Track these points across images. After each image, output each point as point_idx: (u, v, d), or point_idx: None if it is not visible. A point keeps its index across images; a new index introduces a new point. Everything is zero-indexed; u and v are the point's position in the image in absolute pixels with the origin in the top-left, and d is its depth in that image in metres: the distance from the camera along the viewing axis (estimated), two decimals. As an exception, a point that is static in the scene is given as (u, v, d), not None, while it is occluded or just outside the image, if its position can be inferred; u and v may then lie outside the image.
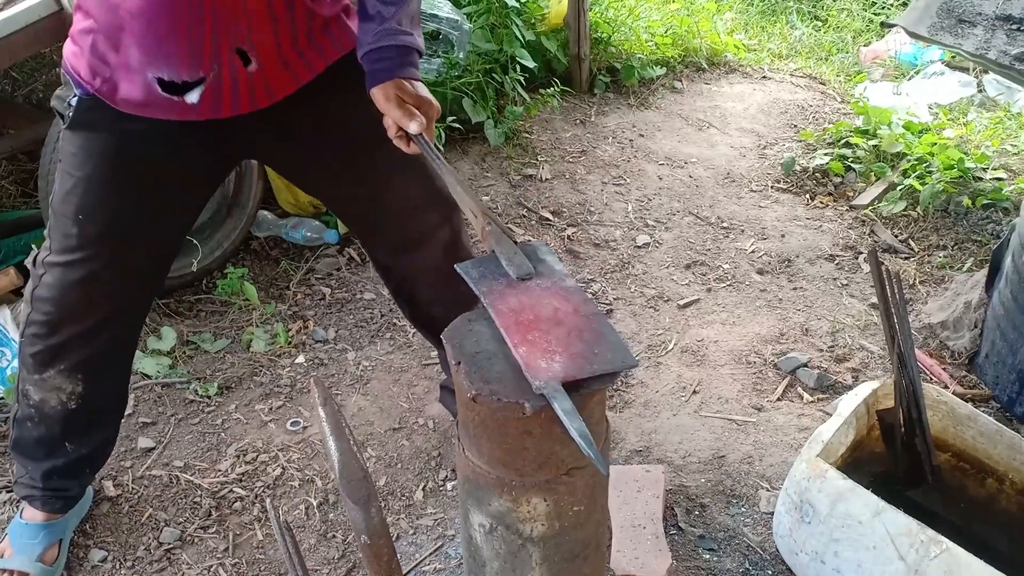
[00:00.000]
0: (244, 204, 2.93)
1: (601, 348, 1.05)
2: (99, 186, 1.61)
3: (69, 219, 1.63)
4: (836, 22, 5.24)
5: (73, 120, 1.58)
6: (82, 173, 1.60)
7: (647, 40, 4.38)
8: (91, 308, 1.74)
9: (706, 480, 2.19)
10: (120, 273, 1.72)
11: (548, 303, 1.12)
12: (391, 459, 2.28)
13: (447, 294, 1.86)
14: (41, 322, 1.75)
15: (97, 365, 1.83)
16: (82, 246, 1.65)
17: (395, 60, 1.52)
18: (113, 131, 1.58)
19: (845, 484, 1.71)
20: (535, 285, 1.16)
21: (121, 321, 1.81)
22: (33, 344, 1.78)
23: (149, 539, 2.06)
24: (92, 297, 1.72)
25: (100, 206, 1.63)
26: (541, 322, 1.09)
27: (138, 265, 1.75)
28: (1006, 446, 1.90)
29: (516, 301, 1.13)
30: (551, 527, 1.15)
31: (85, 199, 1.62)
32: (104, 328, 1.78)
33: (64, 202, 1.63)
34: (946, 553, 1.59)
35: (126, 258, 1.70)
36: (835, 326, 2.74)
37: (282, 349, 2.62)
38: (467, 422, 1.12)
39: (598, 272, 3.01)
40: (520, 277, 1.17)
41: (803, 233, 3.24)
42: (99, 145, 1.59)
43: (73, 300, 1.71)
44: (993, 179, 3.36)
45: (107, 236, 1.66)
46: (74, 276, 1.68)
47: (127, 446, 2.29)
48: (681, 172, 3.63)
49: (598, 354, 1.04)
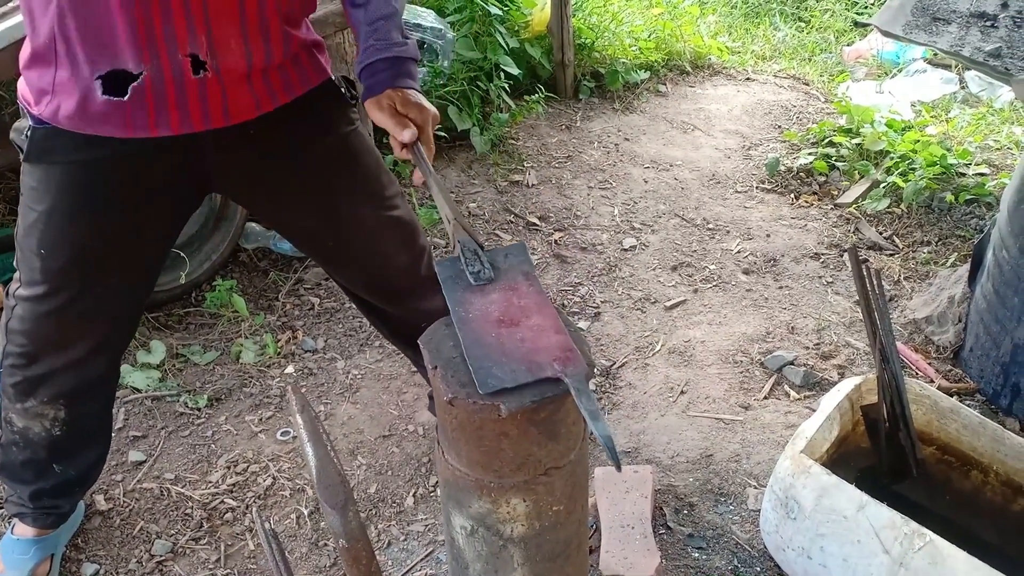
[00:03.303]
0: (231, 216, 2.94)
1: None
2: (59, 220, 1.57)
3: (32, 253, 1.60)
4: (819, 23, 5.27)
5: (29, 152, 1.54)
6: (42, 207, 1.56)
7: (631, 45, 4.41)
8: (66, 339, 1.71)
9: (694, 479, 2.21)
10: (92, 304, 1.68)
11: (510, 303, 1.15)
12: (381, 466, 2.30)
13: (413, 309, 1.88)
14: (17, 354, 1.73)
15: (79, 393, 1.81)
16: (47, 280, 1.62)
17: (387, 72, 1.53)
18: (71, 162, 1.54)
19: (829, 479, 1.72)
20: (494, 288, 1.18)
21: (101, 350, 1.78)
22: (12, 375, 1.76)
23: (141, 552, 2.07)
24: (65, 329, 1.69)
25: (61, 241, 1.59)
26: (507, 321, 1.11)
27: (112, 295, 1.70)
28: (989, 438, 1.91)
29: (482, 302, 1.15)
30: (531, 527, 1.16)
31: (46, 234, 1.58)
32: (83, 358, 1.75)
33: (27, 236, 1.60)
34: (930, 545, 1.60)
35: (97, 289, 1.66)
36: (821, 324, 2.76)
37: (271, 360, 2.64)
38: (445, 426, 1.13)
39: (585, 276, 3.03)
40: (479, 282, 1.19)
41: (788, 232, 3.26)
42: (57, 177, 1.55)
43: (46, 332, 1.69)
44: (976, 175, 3.38)
45: (72, 269, 1.62)
46: (43, 309, 1.65)
47: (118, 460, 2.30)
48: (666, 175, 3.65)
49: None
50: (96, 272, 1.64)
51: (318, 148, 1.69)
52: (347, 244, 1.81)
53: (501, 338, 1.09)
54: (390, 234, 1.83)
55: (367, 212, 1.79)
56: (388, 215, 1.81)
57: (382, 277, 1.88)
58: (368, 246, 1.82)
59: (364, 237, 1.81)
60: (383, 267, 1.86)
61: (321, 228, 1.78)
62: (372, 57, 1.53)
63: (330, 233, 1.79)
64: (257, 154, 1.64)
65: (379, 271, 1.86)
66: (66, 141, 1.51)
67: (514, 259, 1.24)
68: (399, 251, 1.85)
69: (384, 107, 1.51)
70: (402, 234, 1.85)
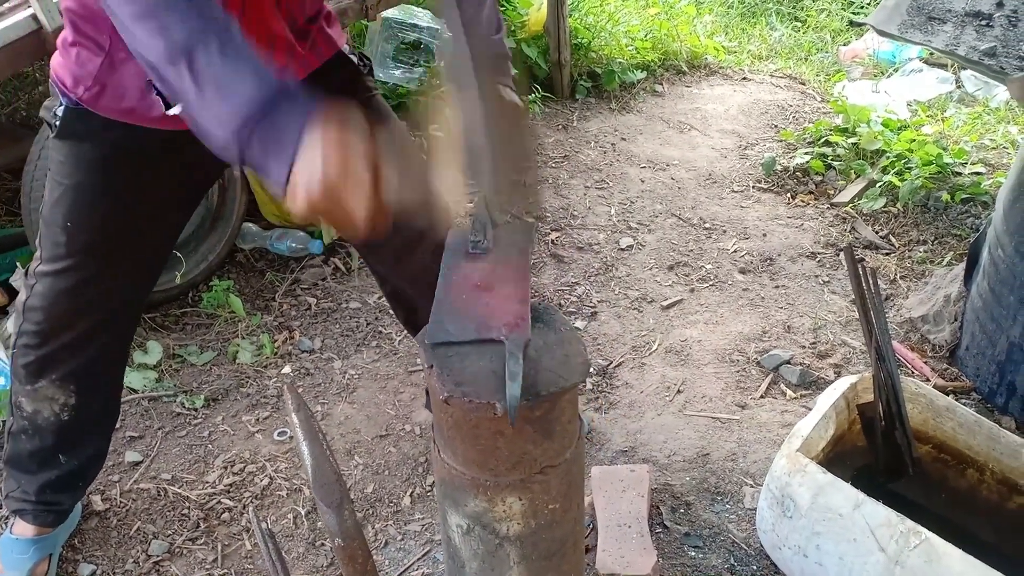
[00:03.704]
0: (228, 217, 2.94)
1: None
2: (87, 194, 1.62)
3: (58, 227, 1.64)
4: (815, 22, 5.28)
5: (60, 129, 1.57)
6: (70, 181, 1.61)
7: (627, 45, 4.41)
8: (80, 317, 1.74)
9: (691, 478, 2.21)
10: (109, 281, 1.72)
11: (493, 272, 1.18)
12: (378, 466, 2.30)
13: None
14: (32, 332, 1.76)
15: (88, 375, 1.84)
16: (71, 254, 1.66)
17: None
18: (101, 140, 1.58)
19: (825, 478, 1.73)
20: (486, 257, 1.21)
21: (110, 330, 1.82)
22: (25, 355, 1.79)
23: (138, 552, 2.07)
24: (81, 306, 1.73)
25: (88, 214, 1.63)
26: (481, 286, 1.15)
27: (127, 273, 1.75)
28: (985, 436, 1.92)
29: (469, 268, 1.19)
30: (527, 526, 1.16)
31: (73, 207, 1.62)
32: (93, 337, 1.79)
33: (53, 210, 1.64)
34: (925, 543, 1.60)
35: (115, 266, 1.71)
36: (817, 323, 2.77)
37: (268, 360, 2.63)
38: (441, 424, 1.13)
39: (582, 275, 3.03)
40: (475, 250, 1.22)
41: (784, 232, 3.27)
42: (87, 154, 1.60)
43: (62, 309, 1.72)
44: (972, 174, 3.39)
45: (96, 244, 1.66)
46: (64, 284, 1.69)
47: (115, 460, 2.30)
48: (663, 174, 3.66)
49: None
50: (117, 250, 1.68)
51: None
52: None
53: (469, 300, 1.12)
54: (418, 207, 1.80)
55: (405, 181, 1.77)
56: (419, 188, 1.79)
57: (406, 238, 1.83)
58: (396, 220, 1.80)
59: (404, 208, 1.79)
60: (413, 245, 1.83)
61: None
62: None
63: None
64: None
65: (402, 230, 1.82)
66: (98, 122, 1.55)
67: (518, 236, 1.27)
68: (429, 230, 1.80)
69: None
70: (431, 210, 1.81)
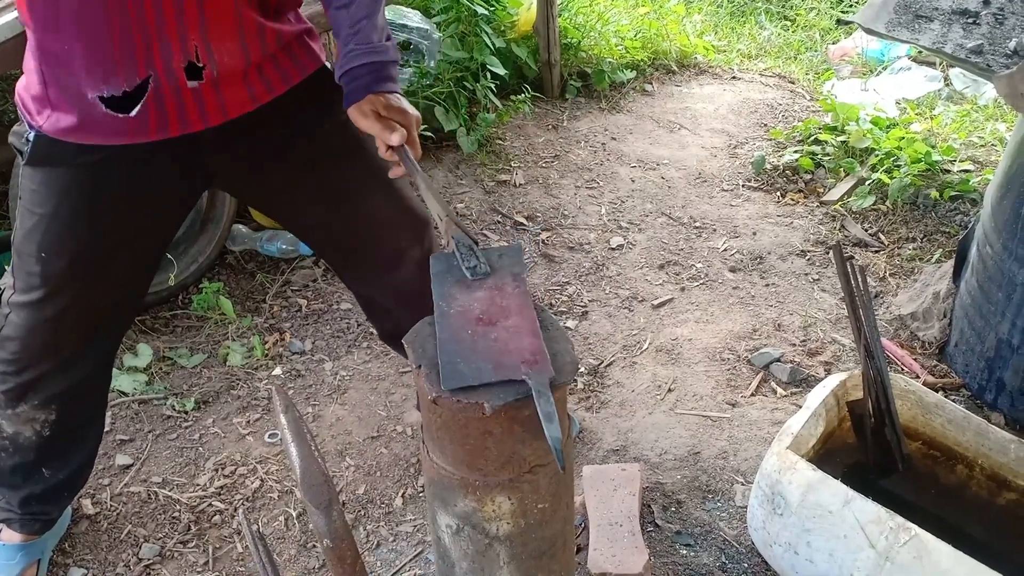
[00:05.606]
0: (218, 219, 2.93)
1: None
2: (63, 222, 1.56)
3: (32, 257, 1.59)
4: (804, 21, 5.29)
5: (31, 156, 1.53)
6: (44, 210, 1.55)
7: (617, 44, 4.42)
8: (60, 345, 1.70)
9: (682, 476, 2.21)
10: (89, 308, 1.68)
11: (493, 302, 1.15)
12: (370, 467, 2.29)
13: (422, 311, 1.86)
14: (9, 360, 1.72)
15: (71, 395, 1.80)
16: (46, 283, 1.61)
17: (367, 77, 1.52)
18: (75, 165, 1.53)
19: (814, 475, 1.73)
20: (480, 286, 1.19)
21: (94, 354, 1.78)
22: (3, 381, 1.75)
23: (129, 555, 2.06)
24: (61, 334, 1.68)
25: (64, 242, 1.58)
26: (485, 320, 1.12)
27: (108, 298, 1.70)
28: (974, 432, 1.92)
29: (466, 299, 1.16)
30: (517, 525, 1.16)
31: (48, 236, 1.57)
32: (75, 362, 1.75)
33: (26, 240, 1.58)
34: (915, 539, 1.61)
35: (95, 293, 1.66)
36: (807, 321, 2.78)
37: (259, 362, 2.63)
38: (430, 425, 1.14)
39: (573, 275, 3.04)
40: (476, 276, 1.20)
41: (774, 230, 3.28)
42: (61, 180, 1.55)
43: (41, 339, 1.68)
44: (960, 171, 3.40)
45: (73, 272, 1.61)
46: (41, 315, 1.64)
47: (105, 464, 2.29)
48: (653, 174, 3.66)
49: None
50: (95, 274, 1.64)
51: (318, 134, 1.68)
52: (357, 233, 1.79)
53: (475, 336, 1.10)
54: (401, 221, 1.80)
55: (379, 201, 1.76)
56: (401, 203, 1.79)
57: (391, 251, 1.83)
58: (380, 235, 1.80)
59: (377, 226, 1.79)
60: (397, 260, 1.83)
61: (331, 216, 1.76)
62: (352, 63, 1.52)
63: (340, 222, 1.77)
64: (257, 145, 1.64)
65: (385, 244, 1.83)
66: (67, 147, 1.51)
67: (507, 260, 1.25)
68: (412, 245, 1.83)
69: (368, 112, 1.50)
70: (414, 224, 1.82)
